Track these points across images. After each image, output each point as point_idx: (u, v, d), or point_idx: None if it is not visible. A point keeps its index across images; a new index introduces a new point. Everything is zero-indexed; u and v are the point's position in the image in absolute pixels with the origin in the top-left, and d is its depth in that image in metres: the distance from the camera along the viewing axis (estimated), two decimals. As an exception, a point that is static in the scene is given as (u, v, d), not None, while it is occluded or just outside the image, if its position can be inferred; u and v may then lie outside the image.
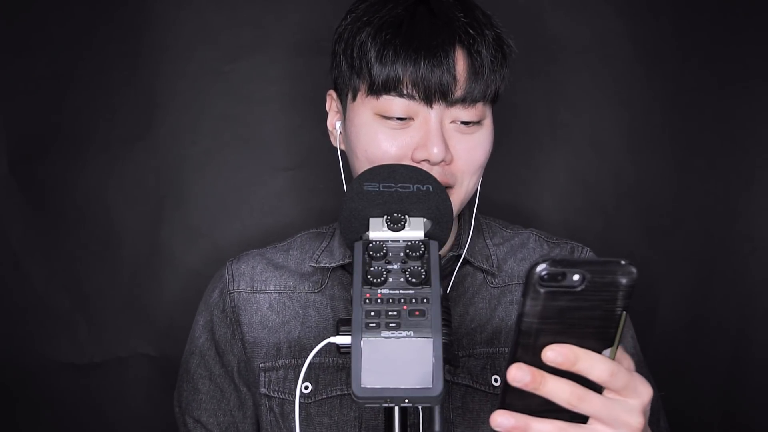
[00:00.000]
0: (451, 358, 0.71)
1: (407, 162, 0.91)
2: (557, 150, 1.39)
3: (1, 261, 1.33)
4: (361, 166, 0.95)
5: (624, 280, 0.59)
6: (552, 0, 1.37)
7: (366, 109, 0.93)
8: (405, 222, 0.76)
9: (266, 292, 1.04)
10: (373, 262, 0.72)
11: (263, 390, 1.00)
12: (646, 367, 1.04)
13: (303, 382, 0.98)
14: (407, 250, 0.73)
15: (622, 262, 0.59)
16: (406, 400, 0.66)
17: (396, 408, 0.72)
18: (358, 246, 0.74)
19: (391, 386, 0.66)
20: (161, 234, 1.36)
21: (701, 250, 1.37)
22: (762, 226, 1.35)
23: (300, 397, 0.98)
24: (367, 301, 0.69)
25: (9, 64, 1.32)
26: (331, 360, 0.98)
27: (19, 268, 1.33)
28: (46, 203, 1.34)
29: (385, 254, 0.73)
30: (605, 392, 0.63)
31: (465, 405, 0.95)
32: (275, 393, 0.99)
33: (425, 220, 0.78)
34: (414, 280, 0.70)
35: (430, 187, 0.79)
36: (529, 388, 0.61)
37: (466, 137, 0.93)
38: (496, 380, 0.96)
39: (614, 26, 1.37)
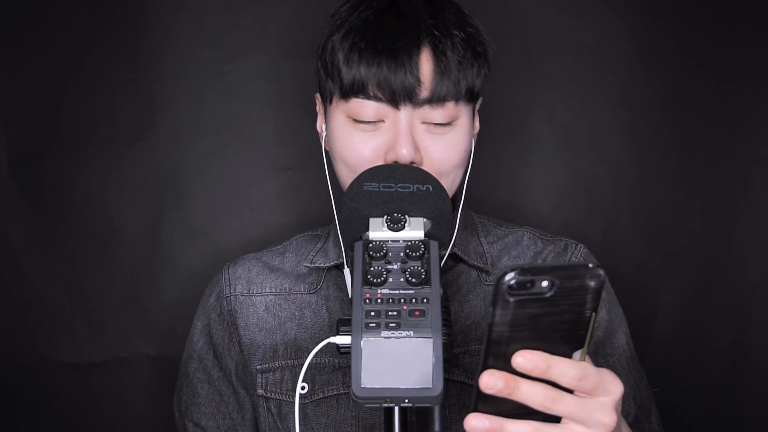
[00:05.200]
0: (451, 357, 0.71)
1: (379, 164, 0.91)
2: (557, 150, 1.39)
3: (1, 261, 1.32)
4: (339, 168, 0.97)
5: (592, 283, 0.59)
6: (552, 0, 1.37)
7: (339, 112, 0.94)
8: (405, 222, 0.76)
9: (262, 294, 1.04)
10: (373, 262, 0.72)
11: (260, 391, 1.00)
12: (638, 363, 1.04)
13: (300, 384, 0.98)
14: (407, 250, 0.73)
15: (590, 265, 0.59)
16: (406, 400, 0.66)
17: (396, 408, 0.72)
18: (358, 246, 0.74)
19: (391, 386, 0.66)
20: (161, 234, 1.36)
21: (701, 250, 1.37)
22: (762, 226, 1.35)
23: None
24: (367, 301, 0.69)
25: (9, 64, 1.32)
26: (327, 360, 0.98)
27: (19, 268, 1.33)
28: (46, 203, 1.34)
29: (385, 254, 0.73)
30: (576, 392, 0.63)
31: (461, 402, 0.95)
32: (273, 394, 1.00)
33: (425, 220, 0.78)
34: (414, 280, 0.70)
35: (430, 187, 0.79)
36: (503, 394, 0.61)
37: (438, 137, 0.93)
38: None
39: (614, 26, 1.37)
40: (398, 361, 0.66)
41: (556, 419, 0.63)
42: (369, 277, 0.71)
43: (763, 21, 1.34)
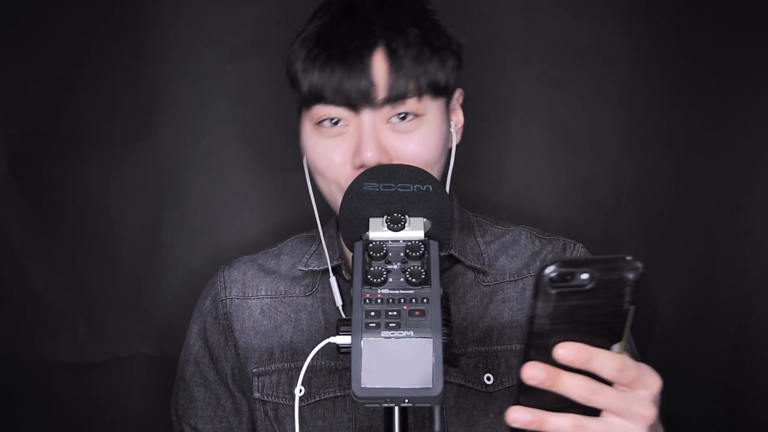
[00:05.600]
0: (451, 358, 0.71)
1: (349, 169, 0.92)
2: (557, 150, 1.39)
3: (1, 261, 1.32)
4: (315, 177, 0.97)
5: (631, 276, 0.61)
6: (552, 0, 1.37)
7: (306, 121, 0.95)
8: (405, 222, 0.76)
9: (258, 297, 1.04)
10: (373, 262, 0.72)
11: (257, 395, 1.00)
12: (640, 361, 1.04)
13: (296, 386, 0.98)
14: (407, 250, 0.73)
15: (628, 258, 0.60)
16: (406, 400, 0.66)
17: (396, 408, 0.72)
18: (358, 246, 0.74)
19: (391, 386, 0.66)
20: (161, 234, 1.36)
21: (701, 250, 1.37)
22: (762, 226, 1.35)
23: (293, 400, 0.98)
24: (367, 301, 0.69)
25: (9, 64, 1.32)
26: (323, 363, 0.98)
27: (19, 268, 1.33)
28: (46, 203, 1.34)
29: (385, 254, 0.72)
30: (615, 385, 0.64)
31: (458, 404, 0.95)
32: (269, 397, 1.00)
33: (425, 220, 0.78)
34: (414, 280, 0.70)
35: (430, 187, 0.79)
36: (545, 386, 0.62)
37: (405, 136, 0.92)
38: (488, 378, 0.97)
39: (614, 26, 1.37)
40: (398, 361, 0.66)
41: (595, 413, 0.64)
42: (369, 277, 0.70)
43: (763, 21, 1.34)
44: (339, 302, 0.99)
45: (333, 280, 1.00)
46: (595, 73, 1.37)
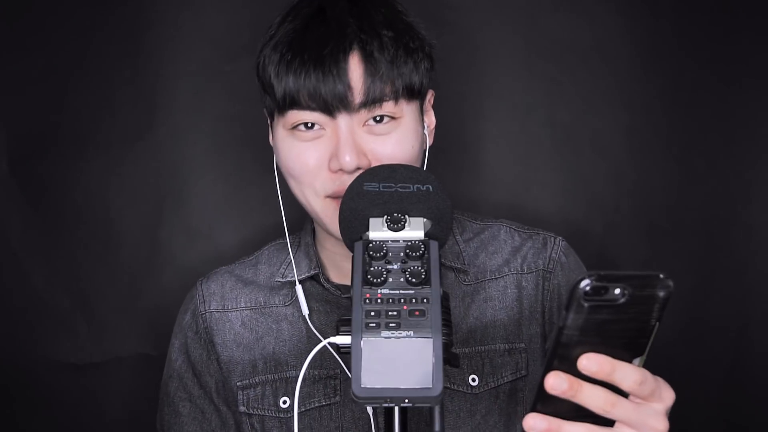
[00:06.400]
0: (451, 358, 0.71)
1: (325, 173, 0.91)
2: (557, 150, 1.39)
3: (1, 261, 1.32)
4: (289, 182, 0.97)
5: (661, 293, 0.61)
6: (552, 0, 1.37)
7: (280, 126, 0.94)
8: (405, 222, 0.76)
9: (237, 309, 1.04)
10: (373, 262, 0.72)
11: (242, 408, 1.00)
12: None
13: (281, 398, 0.99)
14: (407, 250, 0.72)
15: (661, 276, 0.61)
16: (406, 400, 0.66)
17: (396, 408, 0.72)
18: (358, 246, 0.74)
19: (391, 386, 0.66)
20: (161, 234, 1.36)
21: (701, 250, 1.37)
22: (762, 226, 1.35)
23: (279, 412, 0.98)
24: (367, 301, 0.69)
25: (9, 64, 1.32)
26: (307, 372, 0.98)
27: (19, 268, 1.33)
28: (46, 203, 1.34)
29: (385, 254, 0.72)
30: (631, 397, 0.64)
31: (444, 406, 0.95)
32: (255, 410, 1.00)
33: (425, 220, 0.78)
34: (414, 280, 0.70)
35: (430, 187, 0.78)
36: (566, 396, 0.62)
37: (382, 139, 0.91)
38: (473, 380, 0.97)
39: (614, 26, 1.37)
40: (398, 361, 0.66)
41: (609, 423, 0.64)
42: (369, 277, 0.70)
43: (763, 21, 1.34)
44: (305, 311, 1.00)
45: (299, 288, 1.00)
46: (595, 73, 1.37)
